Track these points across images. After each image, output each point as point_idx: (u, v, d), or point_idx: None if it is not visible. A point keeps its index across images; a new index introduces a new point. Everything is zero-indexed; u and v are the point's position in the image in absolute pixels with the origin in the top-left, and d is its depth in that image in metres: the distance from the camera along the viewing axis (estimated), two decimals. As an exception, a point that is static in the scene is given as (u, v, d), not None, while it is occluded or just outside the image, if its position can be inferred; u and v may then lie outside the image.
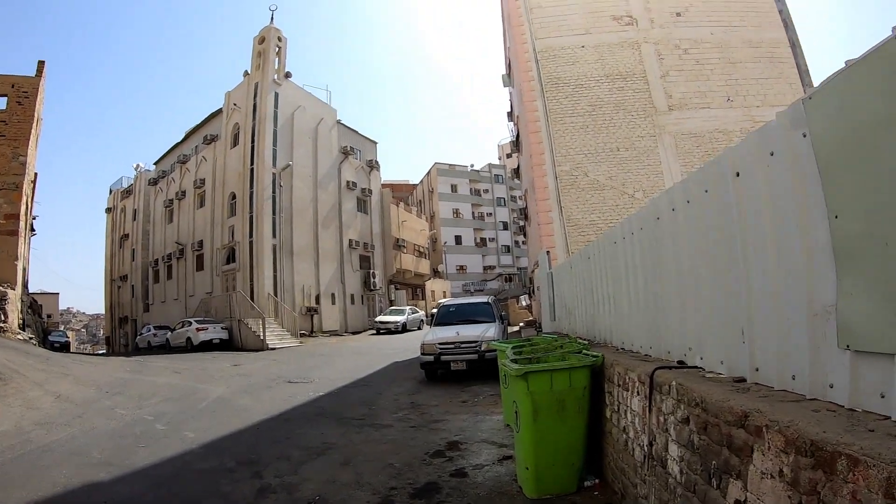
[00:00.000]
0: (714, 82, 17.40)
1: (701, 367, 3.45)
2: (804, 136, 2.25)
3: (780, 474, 1.99)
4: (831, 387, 2.17)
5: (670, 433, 3.18)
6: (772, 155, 2.52)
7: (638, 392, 3.84)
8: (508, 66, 23.13)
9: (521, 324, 22.17)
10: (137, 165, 44.27)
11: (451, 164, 64.74)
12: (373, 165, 40.80)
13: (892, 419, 1.83)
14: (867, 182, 1.91)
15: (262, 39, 32.22)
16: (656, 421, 3.44)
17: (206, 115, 36.71)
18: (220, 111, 34.66)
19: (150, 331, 30.34)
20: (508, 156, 54.47)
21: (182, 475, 5.70)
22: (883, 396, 1.89)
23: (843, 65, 1.98)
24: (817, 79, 17.39)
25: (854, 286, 2.00)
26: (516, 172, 28.12)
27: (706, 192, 3.27)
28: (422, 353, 11.54)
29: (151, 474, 5.76)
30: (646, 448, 3.60)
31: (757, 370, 2.75)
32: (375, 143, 42.55)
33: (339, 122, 37.77)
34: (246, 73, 32.60)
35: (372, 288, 37.08)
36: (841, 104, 2.02)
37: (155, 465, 6.06)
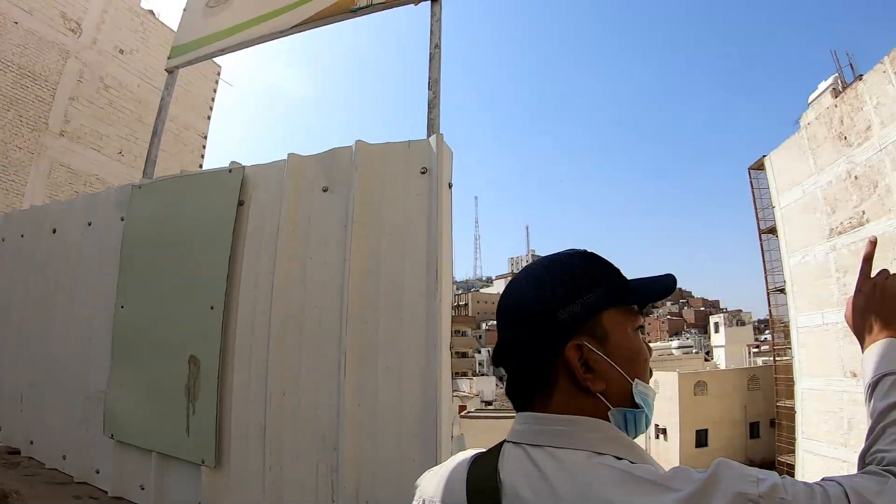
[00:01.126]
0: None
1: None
2: (122, 219, 2.14)
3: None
4: (98, 472, 2.08)
5: None
6: (89, 225, 2.31)
7: None
8: None
9: None
10: None
11: None
12: None
13: None
14: (152, 277, 1.94)
15: None
16: None
17: None
18: None
19: None
20: None
21: None
22: (143, 488, 1.91)
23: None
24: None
25: (124, 378, 1.98)
26: None
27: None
28: None
29: None
30: None
31: (32, 443, 2.41)
32: None
33: None
34: None
35: None
36: (144, 205, 2.03)
37: None
